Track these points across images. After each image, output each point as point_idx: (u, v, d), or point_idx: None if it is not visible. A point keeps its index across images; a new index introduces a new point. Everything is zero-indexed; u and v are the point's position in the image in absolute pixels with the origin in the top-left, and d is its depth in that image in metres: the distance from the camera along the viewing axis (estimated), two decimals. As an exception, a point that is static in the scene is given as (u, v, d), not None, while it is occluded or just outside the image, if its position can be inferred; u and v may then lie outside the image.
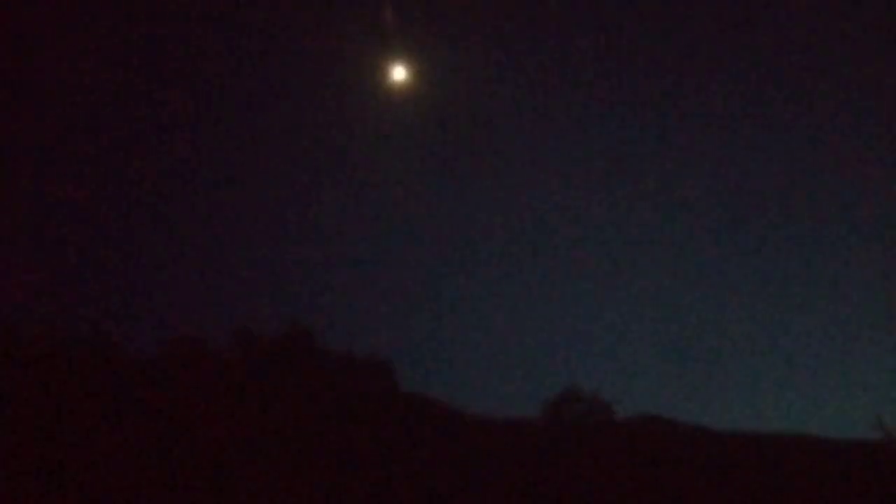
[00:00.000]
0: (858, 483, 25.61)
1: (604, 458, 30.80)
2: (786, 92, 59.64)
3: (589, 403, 34.75)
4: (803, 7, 55.19)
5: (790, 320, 60.75)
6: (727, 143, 61.11)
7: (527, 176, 64.30)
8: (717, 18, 58.44)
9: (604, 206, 61.35)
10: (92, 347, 31.73)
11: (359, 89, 52.97)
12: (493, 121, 59.95)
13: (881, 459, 27.81)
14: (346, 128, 57.40)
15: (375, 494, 25.45)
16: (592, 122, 62.17)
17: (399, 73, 43.72)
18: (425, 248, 58.19)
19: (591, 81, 59.57)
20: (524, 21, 57.03)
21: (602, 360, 53.53)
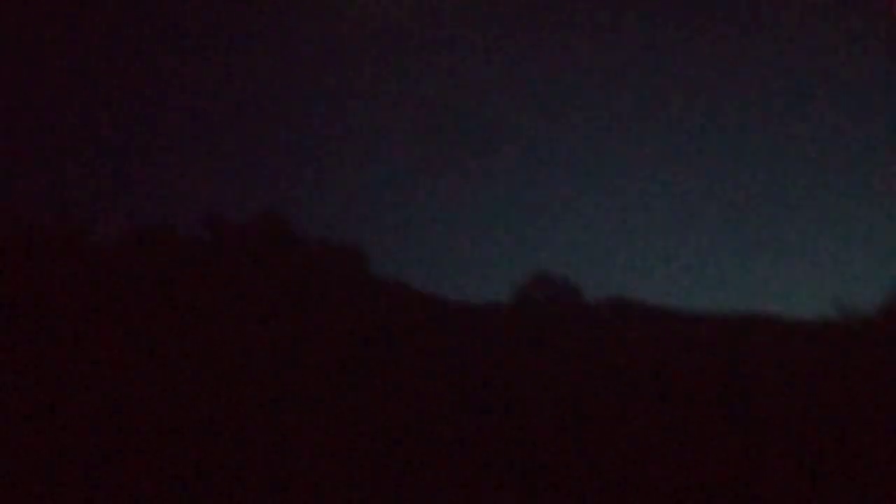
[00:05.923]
0: (821, 362, 26.58)
1: (572, 341, 30.93)
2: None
3: (558, 287, 35.64)
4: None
5: (754, 202, 61.63)
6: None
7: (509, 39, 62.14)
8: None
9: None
10: (57, 232, 30.94)
11: None
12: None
13: (840, 337, 28.84)
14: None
15: (345, 381, 24.87)
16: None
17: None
18: (404, 133, 57.02)
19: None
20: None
21: (572, 245, 54.33)
